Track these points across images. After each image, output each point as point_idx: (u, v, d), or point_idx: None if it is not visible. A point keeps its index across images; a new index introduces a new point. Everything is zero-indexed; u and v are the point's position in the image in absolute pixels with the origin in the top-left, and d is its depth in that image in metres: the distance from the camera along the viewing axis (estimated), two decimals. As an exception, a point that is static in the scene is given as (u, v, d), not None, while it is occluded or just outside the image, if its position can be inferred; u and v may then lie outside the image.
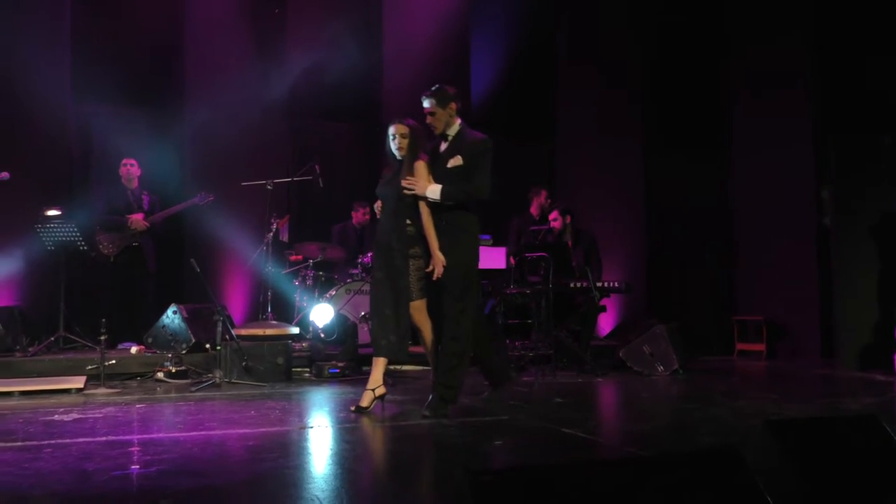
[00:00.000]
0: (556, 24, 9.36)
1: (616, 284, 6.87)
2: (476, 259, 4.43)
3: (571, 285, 6.62)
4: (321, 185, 6.97)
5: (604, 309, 7.15)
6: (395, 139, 4.46)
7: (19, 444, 3.46)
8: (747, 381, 6.59)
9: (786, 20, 8.59)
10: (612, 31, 9.14)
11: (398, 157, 4.45)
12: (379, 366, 4.39)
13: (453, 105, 4.39)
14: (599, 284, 6.66)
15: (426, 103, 4.39)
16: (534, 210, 7.83)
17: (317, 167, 6.95)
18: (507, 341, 6.96)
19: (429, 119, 4.40)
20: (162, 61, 8.05)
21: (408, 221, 4.40)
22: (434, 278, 4.26)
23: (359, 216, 7.92)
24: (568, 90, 9.26)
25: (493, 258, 6.74)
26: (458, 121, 4.42)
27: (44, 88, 7.06)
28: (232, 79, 7.86)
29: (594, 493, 1.90)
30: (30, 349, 6.21)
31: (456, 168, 4.30)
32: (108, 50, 7.61)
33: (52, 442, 3.50)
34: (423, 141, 4.48)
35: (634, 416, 4.80)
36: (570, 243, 7.06)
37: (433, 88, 4.40)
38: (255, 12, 8.21)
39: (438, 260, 4.25)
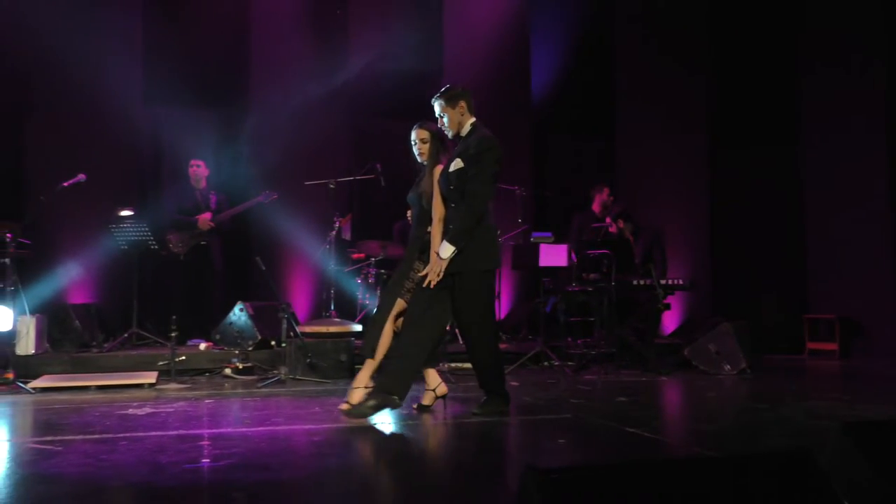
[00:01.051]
0: (617, 17, 9.23)
1: (680, 281, 6.74)
2: (485, 268, 4.14)
3: (634, 283, 6.52)
4: (383, 183, 7.04)
5: (668, 307, 7.02)
6: (415, 144, 4.42)
7: (97, 436, 3.59)
8: (819, 381, 6.40)
9: (857, 12, 8.31)
10: (675, 22, 8.98)
11: (421, 162, 4.39)
12: (366, 367, 4.30)
13: (463, 104, 4.20)
14: (663, 282, 6.55)
15: (435, 106, 4.24)
16: (596, 207, 7.75)
17: (378, 166, 7.02)
18: (569, 339, 6.91)
19: (440, 122, 4.25)
20: (228, 63, 8.23)
21: (428, 229, 4.32)
22: (424, 285, 4.09)
23: (419, 214, 7.97)
24: (629, 84, 9.14)
25: (554, 256, 6.69)
26: (472, 119, 4.23)
27: (117, 92, 7.29)
28: (295, 79, 7.98)
29: (660, 494, 1.87)
30: (105, 345, 6.44)
31: (456, 171, 4.11)
32: (177, 53, 7.82)
33: (128, 435, 3.62)
34: (447, 144, 4.36)
35: (701, 416, 4.70)
36: (631, 240, 6.95)
37: (442, 90, 4.24)
38: (317, 13, 8.33)
39: (434, 263, 4.08)
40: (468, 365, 6.46)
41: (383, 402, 3.95)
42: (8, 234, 5.88)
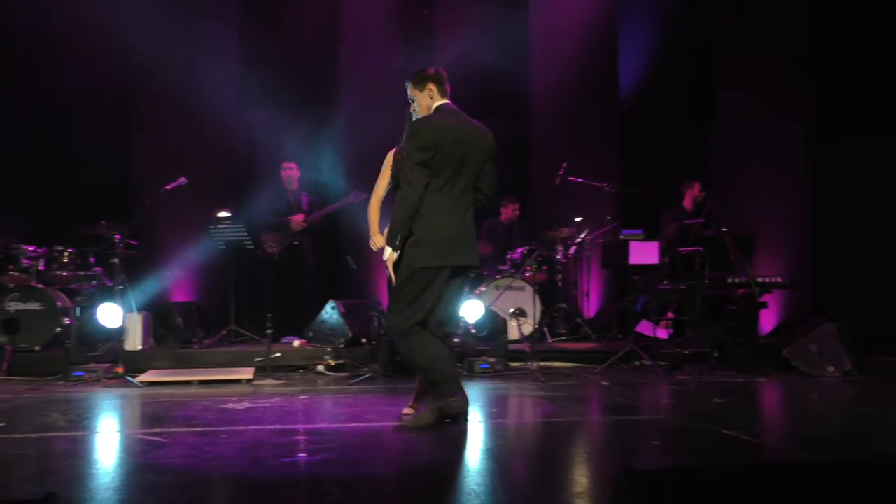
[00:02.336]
0: (711, 7, 8.96)
1: (779, 279, 6.49)
2: (412, 263, 3.72)
3: (729, 280, 6.32)
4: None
5: (764, 305, 6.78)
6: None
7: (199, 429, 3.75)
8: (931, 384, 6.04)
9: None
10: (772, 9, 8.64)
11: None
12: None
13: (431, 86, 3.91)
14: (760, 279, 6.32)
15: (407, 89, 4.00)
16: (687, 203, 7.56)
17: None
18: (671, 336, 6.75)
19: (412, 107, 4.00)
20: (319, 67, 8.44)
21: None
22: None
23: (508, 212, 7.98)
24: (723, 76, 8.85)
25: (644, 253, 6.56)
26: (439, 103, 3.90)
27: (214, 98, 7.58)
28: (383, 81, 8.10)
29: (761, 499, 1.81)
30: (205, 341, 6.71)
31: (398, 158, 3.96)
32: (270, 59, 8.07)
33: (228, 429, 3.76)
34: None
35: (803, 419, 4.52)
36: (727, 238, 6.71)
37: (414, 72, 4.00)
38: (404, 15, 8.44)
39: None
40: (558, 364, 6.44)
41: (442, 408, 3.75)
42: (117, 236, 6.21)
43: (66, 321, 6.12)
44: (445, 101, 3.92)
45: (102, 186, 7.71)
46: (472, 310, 6.74)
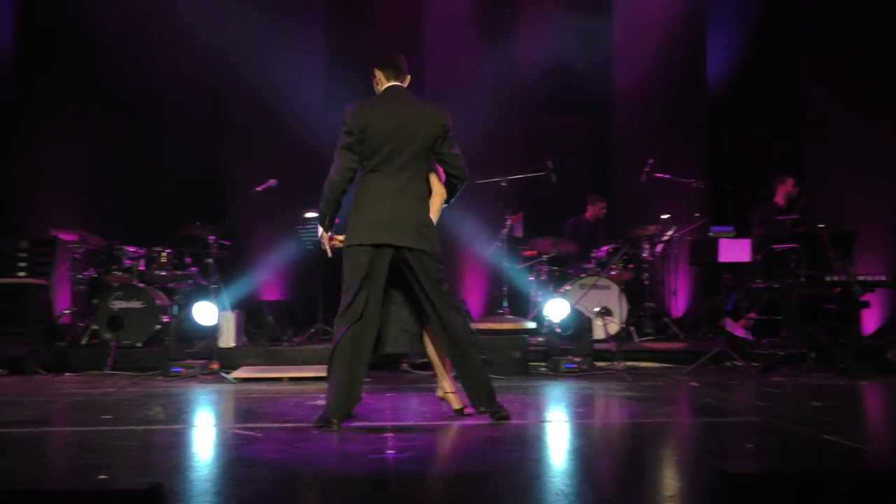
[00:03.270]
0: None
1: (883, 277, 6.18)
2: (346, 243, 3.81)
3: (827, 279, 6.06)
4: (554, 180, 7.02)
5: (866, 304, 6.46)
6: None
7: (291, 425, 3.85)
8: None
9: None
10: (866, 2, 8.22)
11: None
12: None
13: (377, 72, 3.93)
14: (862, 278, 6.03)
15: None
16: (779, 199, 7.29)
17: (549, 163, 7.01)
18: (754, 338, 6.54)
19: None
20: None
21: None
22: None
23: (594, 210, 7.89)
24: (818, 67, 8.48)
25: (735, 251, 6.36)
26: (385, 87, 3.90)
27: (301, 99, 7.77)
28: (466, 79, 8.13)
29: (865, 507, 1.74)
30: (294, 339, 6.88)
31: None
32: (354, 59, 8.20)
33: (318, 424, 3.84)
34: None
35: (908, 425, 4.30)
36: (825, 235, 6.42)
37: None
38: (486, 13, 8.44)
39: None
40: (645, 364, 6.33)
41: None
42: (211, 237, 6.44)
43: (165, 319, 6.39)
44: (392, 83, 3.89)
45: (197, 189, 8.01)
46: (556, 309, 6.69)
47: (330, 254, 3.92)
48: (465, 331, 3.88)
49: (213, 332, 6.18)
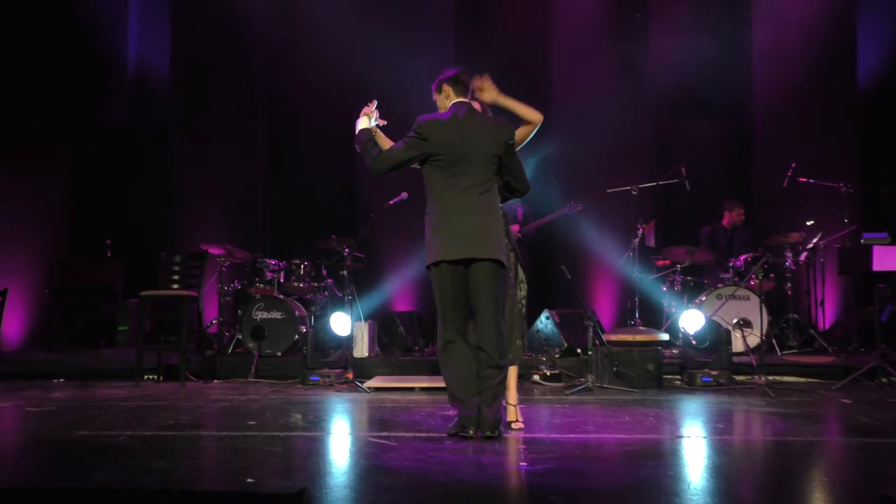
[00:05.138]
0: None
1: None
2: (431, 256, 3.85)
3: None
4: (688, 187, 6.81)
5: None
6: None
7: (425, 434, 3.91)
8: None
9: None
10: None
11: None
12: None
13: (447, 87, 4.02)
14: None
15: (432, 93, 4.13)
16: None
17: (682, 169, 6.81)
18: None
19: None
20: (531, 78, 8.54)
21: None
22: None
23: (732, 217, 7.59)
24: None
25: (891, 259, 5.92)
26: (454, 102, 3.97)
27: (430, 110, 7.88)
28: (596, 87, 8.03)
29: None
30: (425, 349, 6.99)
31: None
32: (483, 68, 8.27)
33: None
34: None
35: None
36: None
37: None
38: (616, 19, 8.30)
39: None
40: (790, 378, 6.00)
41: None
42: (346, 249, 6.66)
43: (304, 329, 6.66)
44: (460, 99, 3.97)
45: (333, 203, 8.32)
46: (692, 320, 6.46)
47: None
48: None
49: (347, 343, 6.38)
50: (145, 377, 6.35)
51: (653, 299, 7.32)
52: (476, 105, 4.05)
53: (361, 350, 6.57)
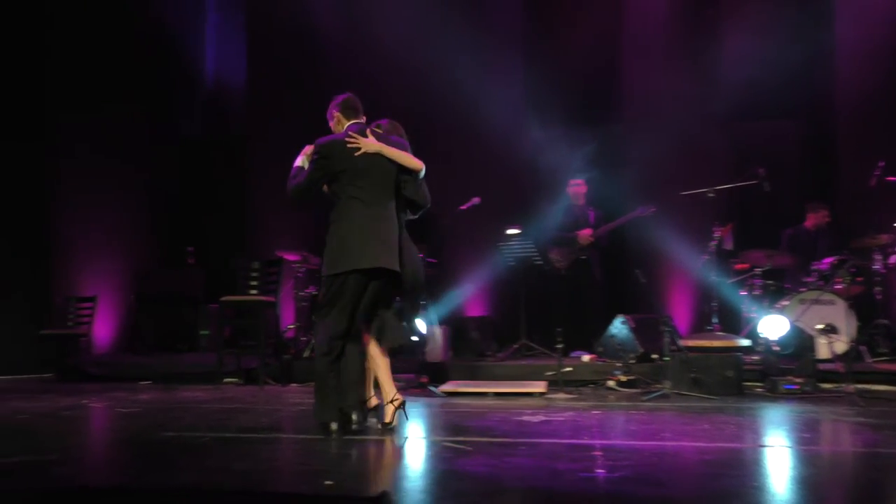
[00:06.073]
0: None
1: None
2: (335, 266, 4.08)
3: None
4: (766, 188, 6.62)
5: None
6: None
7: (498, 439, 3.90)
8: None
9: None
10: None
11: None
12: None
13: (336, 114, 4.39)
14: None
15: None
16: None
17: (761, 170, 6.62)
18: None
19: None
20: (601, 80, 8.45)
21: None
22: None
23: (816, 219, 7.34)
24: None
25: None
26: (347, 125, 4.33)
27: (502, 118, 7.90)
28: (668, 88, 7.88)
29: None
30: (498, 354, 6.98)
31: None
32: (553, 74, 8.23)
33: (525, 440, 3.87)
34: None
35: None
36: None
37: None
38: (687, 18, 8.13)
39: None
40: (881, 387, 5.76)
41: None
42: (419, 255, 6.70)
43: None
44: (353, 121, 4.31)
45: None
46: (773, 325, 6.26)
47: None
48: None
49: (421, 347, 6.41)
50: (225, 380, 6.53)
51: (731, 304, 7.12)
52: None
53: (434, 355, 6.59)
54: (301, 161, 4.34)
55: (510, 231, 7.06)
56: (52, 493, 1.82)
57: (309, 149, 4.32)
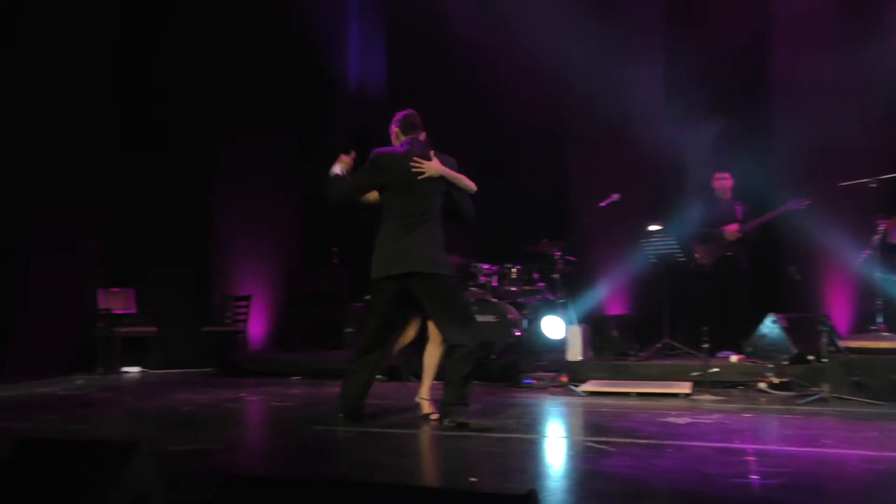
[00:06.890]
0: None
1: None
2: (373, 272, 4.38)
3: None
4: (940, 177, 6.09)
5: None
6: None
7: (643, 441, 3.81)
8: None
9: None
10: None
11: None
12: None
13: (395, 129, 4.57)
14: None
15: None
16: None
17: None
18: None
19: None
20: (748, 71, 8.05)
21: None
22: None
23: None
24: None
25: None
26: (403, 139, 4.51)
27: (642, 112, 7.68)
28: (820, 78, 7.40)
29: None
30: (640, 354, 6.81)
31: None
32: (696, 66, 7.92)
33: (671, 442, 3.75)
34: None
35: None
36: None
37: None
38: (848, 6, 7.59)
39: None
40: None
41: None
42: (557, 253, 6.66)
43: (517, 332, 6.73)
44: (410, 136, 4.46)
45: (543, 206, 8.35)
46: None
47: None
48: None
49: (560, 346, 6.36)
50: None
51: (897, 302, 6.60)
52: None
53: (575, 354, 6.52)
54: (338, 168, 4.53)
55: (651, 227, 6.86)
56: (231, 480, 1.95)
57: (345, 157, 4.53)
